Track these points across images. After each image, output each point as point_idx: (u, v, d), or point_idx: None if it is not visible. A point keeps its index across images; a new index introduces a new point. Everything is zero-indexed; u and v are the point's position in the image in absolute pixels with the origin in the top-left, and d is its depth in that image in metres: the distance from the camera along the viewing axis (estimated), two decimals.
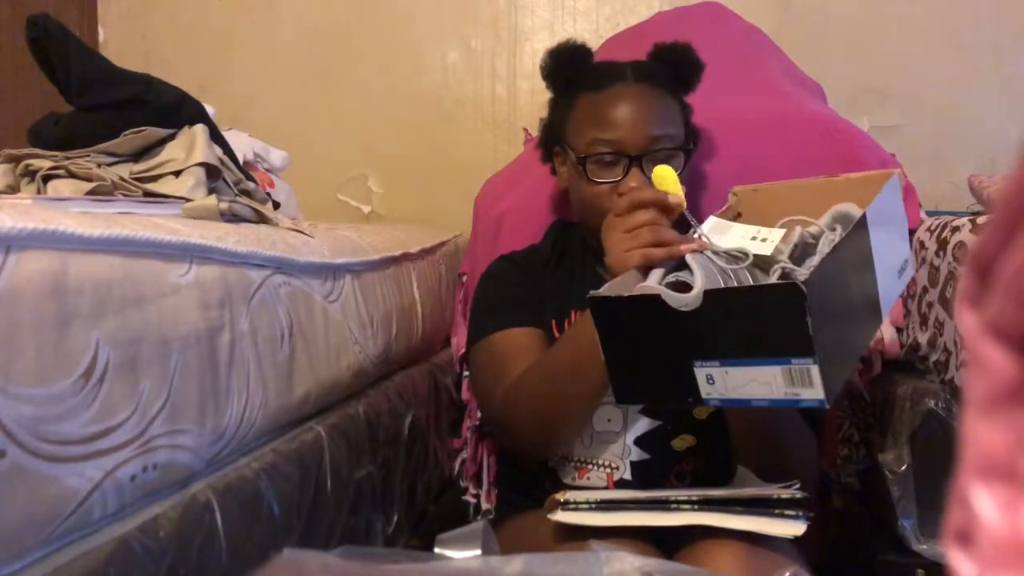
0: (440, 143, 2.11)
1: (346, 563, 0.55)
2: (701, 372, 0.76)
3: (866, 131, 1.49)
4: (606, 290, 0.82)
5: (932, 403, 1.07)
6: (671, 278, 0.82)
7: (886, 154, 1.34)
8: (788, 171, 1.26)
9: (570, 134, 1.07)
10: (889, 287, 0.87)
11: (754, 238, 0.89)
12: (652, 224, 0.87)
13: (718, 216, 0.97)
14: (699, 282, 0.78)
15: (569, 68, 1.10)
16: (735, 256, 0.85)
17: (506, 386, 0.99)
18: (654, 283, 0.81)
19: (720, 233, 0.91)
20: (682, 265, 0.83)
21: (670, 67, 1.10)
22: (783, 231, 0.89)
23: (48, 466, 0.53)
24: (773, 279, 0.81)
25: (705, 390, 0.76)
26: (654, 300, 0.76)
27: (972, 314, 0.25)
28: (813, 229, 0.89)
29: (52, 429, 0.53)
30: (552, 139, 1.13)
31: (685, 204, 0.90)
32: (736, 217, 1.02)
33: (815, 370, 0.70)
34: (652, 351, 0.80)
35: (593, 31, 2.05)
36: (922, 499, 1.08)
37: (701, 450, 0.99)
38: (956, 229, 1.08)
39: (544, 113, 1.17)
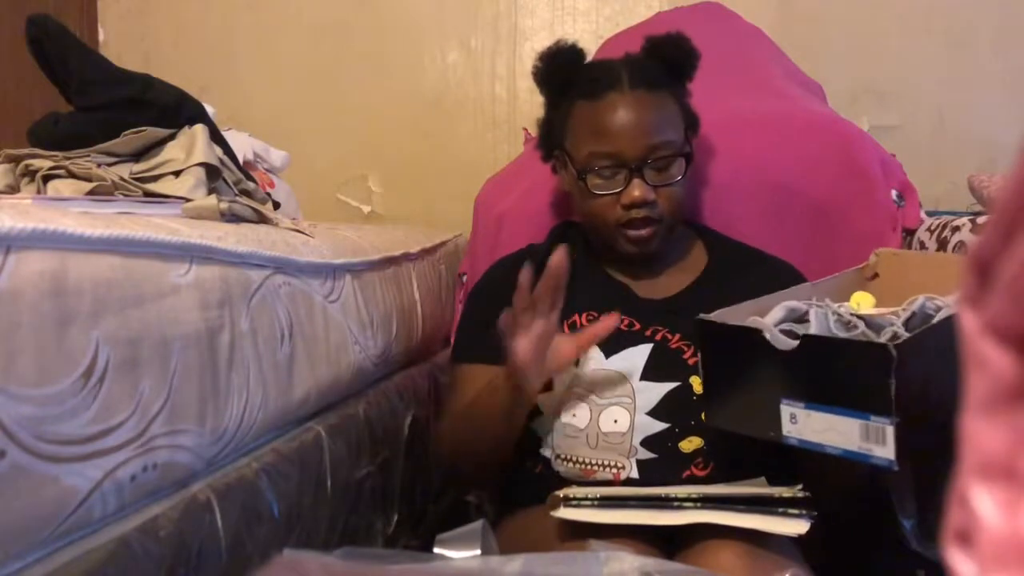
0: (440, 143, 2.11)
1: (346, 563, 0.55)
2: (786, 410, 0.81)
3: (866, 131, 1.49)
4: (717, 316, 0.89)
5: None
6: (786, 326, 0.87)
7: (886, 154, 1.34)
8: (788, 171, 1.27)
9: (569, 143, 1.08)
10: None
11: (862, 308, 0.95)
12: None
13: (851, 273, 1.03)
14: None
15: (562, 73, 1.11)
16: (848, 321, 0.90)
17: (444, 418, 1.13)
18: (768, 322, 0.86)
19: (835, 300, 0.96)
20: (802, 319, 0.90)
21: (665, 62, 1.10)
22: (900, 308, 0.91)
23: (48, 466, 0.53)
24: (883, 338, 0.85)
25: (787, 428, 0.82)
26: (757, 335, 0.83)
27: (972, 314, 0.25)
28: (940, 302, 0.90)
29: (52, 429, 0.53)
30: (552, 142, 1.13)
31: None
32: (873, 278, 1.09)
33: (890, 430, 0.74)
34: (746, 382, 0.87)
35: (593, 31, 2.04)
36: (922, 499, 1.08)
37: (710, 452, 0.98)
38: (956, 229, 1.08)
39: (543, 113, 1.17)
